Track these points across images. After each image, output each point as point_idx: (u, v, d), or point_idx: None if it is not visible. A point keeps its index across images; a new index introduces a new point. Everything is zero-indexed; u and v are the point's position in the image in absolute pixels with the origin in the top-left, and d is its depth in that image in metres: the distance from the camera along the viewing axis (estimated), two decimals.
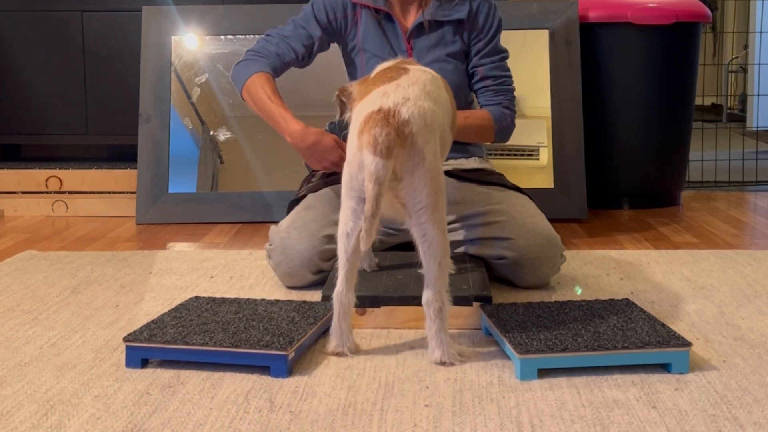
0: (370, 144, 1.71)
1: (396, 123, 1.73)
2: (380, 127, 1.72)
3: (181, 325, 1.86)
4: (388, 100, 1.77)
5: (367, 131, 1.73)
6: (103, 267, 2.66)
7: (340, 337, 1.85)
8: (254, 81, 2.41)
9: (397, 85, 1.82)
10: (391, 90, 1.80)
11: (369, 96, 1.83)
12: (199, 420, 1.53)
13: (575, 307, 1.97)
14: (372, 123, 1.73)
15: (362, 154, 1.73)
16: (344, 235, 1.80)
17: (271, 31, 2.52)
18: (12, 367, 1.80)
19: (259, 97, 2.40)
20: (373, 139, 1.71)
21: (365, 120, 1.75)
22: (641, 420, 1.51)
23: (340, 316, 1.84)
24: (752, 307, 2.19)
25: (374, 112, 1.75)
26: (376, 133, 1.72)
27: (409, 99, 1.78)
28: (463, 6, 2.46)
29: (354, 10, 2.47)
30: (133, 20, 3.70)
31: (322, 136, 2.32)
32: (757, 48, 6.32)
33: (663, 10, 3.57)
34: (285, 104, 2.38)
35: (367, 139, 1.72)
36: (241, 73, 2.46)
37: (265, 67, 2.44)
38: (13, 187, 3.66)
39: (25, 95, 3.90)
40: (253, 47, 2.50)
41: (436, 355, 1.80)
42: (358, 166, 1.74)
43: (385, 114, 1.74)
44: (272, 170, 3.54)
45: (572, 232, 3.21)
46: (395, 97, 1.78)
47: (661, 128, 3.68)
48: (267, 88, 2.40)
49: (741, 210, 3.68)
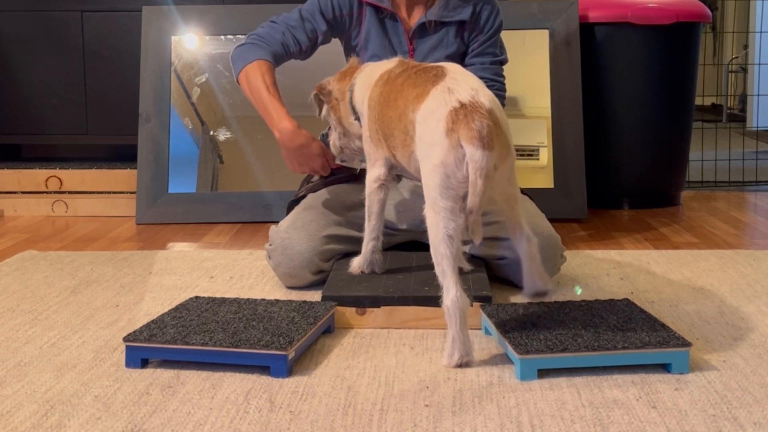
0: (475, 138, 1.69)
1: (486, 113, 1.72)
2: (478, 119, 1.71)
3: (181, 325, 1.86)
4: (459, 94, 1.76)
5: (464, 126, 1.71)
6: (103, 267, 2.66)
7: (464, 345, 1.76)
8: (255, 67, 2.39)
9: (452, 79, 1.82)
10: (453, 84, 1.79)
11: (430, 97, 1.80)
12: (199, 420, 1.53)
13: (575, 307, 1.97)
14: (465, 118, 1.71)
15: (463, 151, 1.70)
16: (447, 237, 1.74)
17: (276, 18, 2.49)
18: (12, 367, 1.80)
19: (257, 85, 2.37)
20: (477, 133, 1.69)
21: (451, 117, 1.72)
22: (641, 420, 1.51)
23: (462, 323, 1.74)
24: (752, 307, 2.19)
25: (458, 108, 1.73)
26: (477, 126, 1.70)
27: (477, 89, 1.78)
28: (467, 8, 2.45)
29: (359, 9, 2.47)
30: (133, 20, 3.70)
31: (311, 141, 2.34)
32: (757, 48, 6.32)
33: (663, 10, 3.57)
34: (281, 99, 2.37)
35: (469, 134, 1.70)
36: (242, 56, 2.43)
37: (267, 55, 2.41)
38: (13, 187, 3.66)
39: (25, 95, 3.90)
40: (258, 32, 2.47)
41: (546, 286, 1.92)
42: (455, 164, 1.71)
43: (472, 107, 1.73)
44: (272, 170, 3.54)
45: (572, 232, 3.21)
46: (464, 90, 1.77)
47: (661, 128, 3.68)
48: (267, 77, 2.38)
49: (741, 210, 3.68)
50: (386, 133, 2.03)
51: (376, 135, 2.11)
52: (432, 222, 1.77)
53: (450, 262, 1.74)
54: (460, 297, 1.73)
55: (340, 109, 2.26)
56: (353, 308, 2.04)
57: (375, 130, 2.10)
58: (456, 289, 1.73)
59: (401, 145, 1.97)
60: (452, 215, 1.74)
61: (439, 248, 1.75)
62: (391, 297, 2.04)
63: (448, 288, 1.74)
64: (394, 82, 2.02)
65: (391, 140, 2.01)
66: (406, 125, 1.91)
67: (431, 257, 2.34)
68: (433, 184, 1.76)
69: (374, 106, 2.09)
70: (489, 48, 2.49)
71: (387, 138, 2.04)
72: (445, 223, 1.74)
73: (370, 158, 2.18)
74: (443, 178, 1.74)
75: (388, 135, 2.02)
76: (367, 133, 2.16)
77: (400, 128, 1.94)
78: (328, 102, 2.29)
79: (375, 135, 2.11)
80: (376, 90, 2.10)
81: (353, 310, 2.04)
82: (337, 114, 2.28)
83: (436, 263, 1.77)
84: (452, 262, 1.74)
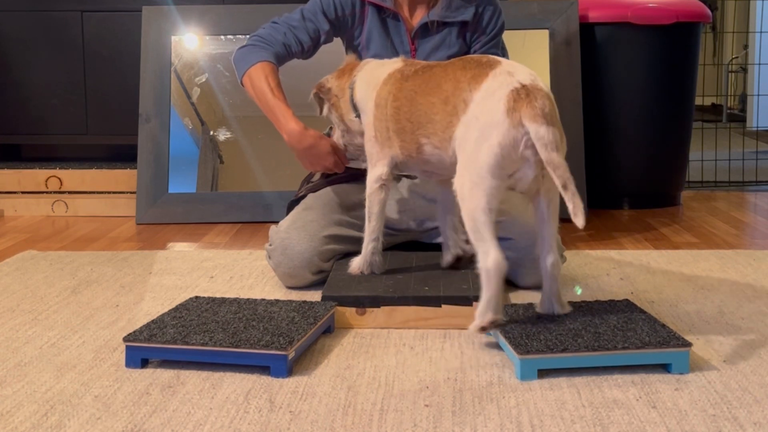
0: (539, 116, 1.75)
1: (546, 95, 1.79)
2: (540, 99, 1.77)
3: (181, 325, 1.86)
4: (519, 77, 1.81)
5: (527, 105, 1.76)
6: (103, 267, 2.66)
7: (498, 306, 1.81)
8: (258, 70, 2.38)
9: (510, 64, 1.88)
10: (512, 69, 1.85)
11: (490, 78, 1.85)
12: (199, 420, 1.53)
13: (575, 308, 1.97)
14: (528, 97, 1.77)
15: (523, 130, 1.75)
16: (488, 210, 1.78)
17: (278, 19, 2.49)
18: (12, 367, 1.80)
19: (261, 88, 2.36)
20: (540, 111, 1.75)
21: (513, 97, 1.77)
22: (641, 420, 1.51)
23: (499, 285, 1.79)
24: (752, 307, 2.19)
25: (519, 89, 1.79)
26: (541, 104, 1.76)
27: (534, 75, 1.84)
28: (469, 8, 2.45)
29: (362, 8, 2.46)
30: (133, 20, 3.70)
31: (319, 140, 2.32)
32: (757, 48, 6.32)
33: (663, 10, 3.58)
34: (287, 100, 2.36)
35: (532, 113, 1.75)
36: (244, 59, 2.42)
37: (269, 56, 2.40)
38: (13, 187, 3.66)
39: (25, 95, 3.90)
40: (259, 33, 2.46)
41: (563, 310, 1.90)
42: (513, 144, 1.76)
43: (533, 88, 1.79)
44: (272, 170, 3.54)
45: (572, 232, 3.20)
46: (522, 74, 1.83)
47: (661, 128, 3.68)
48: (271, 80, 2.37)
49: (741, 210, 3.68)
50: (420, 121, 2.02)
51: (385, 133, 2.11)
52: (472, 195, 1.80)
53: (489, 227, 1.79)
54: (501, 259, 1.78)
55: (341, 106, 2.26)
56: (353, 308, 2.04)
57: (384, 128, 2.10)
58: (497, 251, 1.78)
59: (442, 128, 1.96)
60: (497, 192, 1.80)
61: (479, 217, 1.79)
62: (391, 297, 2.04)
63: (488, 251, 1.78)
64: (429, 72, 2.04)
65: (428, 127, 2.00)
66: (455, 106, 1.92)
67: (431, 257, 2.36)
68: (483, 163, 1.79)
69: (384, 104, 2.09)
70: (491, 49, 2.49)
71: (419, 127, 2.02)
72: (488, 199, 1.79)
73: (372, 158, 2.17)
74: (497, 158, 1.78)
75: (423, 122, 2.01)
76: (370, 133, 2.16)
77: (447, 110, 1.94)
78: (328, 100, 2.29)
79: (383, 133, 2.11)
80: (386, 88, 2.10)
81: (353, 310, 2.04)
82: (338, 111, 2.28)
83: (474, 230, 1.81)
84: (491, 228, 1.79)
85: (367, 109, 2.17)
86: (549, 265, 1.89)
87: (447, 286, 2.09)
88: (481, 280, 1.80)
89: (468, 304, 2.01)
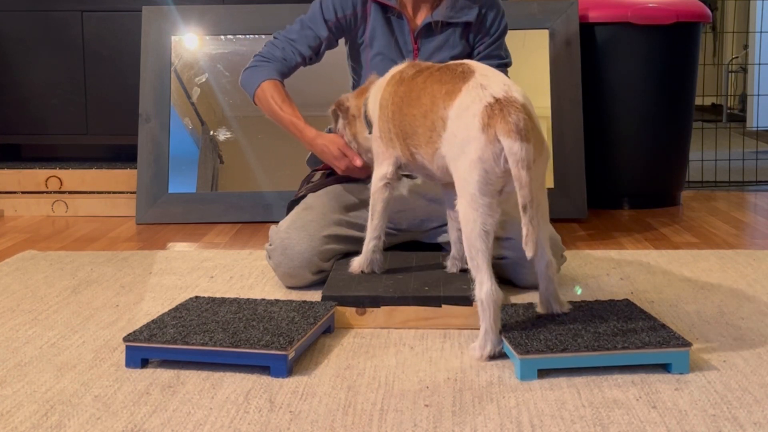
0: (513, 131, 1.72)
1: (521, 107, 1.75)
2: (514, 113, 1.73)
3: (181, 325, 1.86)
4: (492, 89, 1.78)
5: (501, 121, 1.73)
6: (103, 267, 2.66)
7: (497, 337, 1.80)
8: (263, 91, 2.45)
9: (483, 75, 1.84)
10: (485, 81, 1.82)
11: (463, 94, 1.82)
12: (199, 420, 1.53)
13: (575, 307, 1.97)
14: (501, 112, 1.74)
15: (501, 144, 1.72)
16: (483, 233, 1.77)
17: (278, 34, 2.53)
18: (12, 367, 1.80)
19: (270, 108, 2.46)
20: (514, 127, 1.72)
21: (487, 113, 1.75)
22: (641, 420, 1.51)
23: (495, 316, 1.79)
24: (752, 307, 2.19)
25: (493, 103, 1.76)
26: (514, 119, 1.73)
27: (508, 85, 1.81)
28: (473, 9, 2.46)
29: (363, 7, 2.47)
30: (133, 20, 3.70)
31: (330, 145, 2.36)
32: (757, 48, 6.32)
33: (663, 10, 3.58)
34: (296, 110, 2.44)
35: (506, 128, 1.72)
36: (249, 81, 2.49)
37: (272, 73, 2.47)
38: (13, 187, 3.66)
39: (25, 95, 3.90)
40: (261, 51, 2.52)
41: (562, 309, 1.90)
42: (493, 159, 1.74)
43: (506, 101, 1.75)
44: (272, 170, 3.54)
45: (572, 232, 3.21)
46: (496, 86, 1.79)
47: (661, 128, 3.68)
48: (276, 97, 2.44)
49: (741, 210, 3.68)
50: (406, 131, 2.03)
51: (387, 134, 2.11)
52: (469, 218, 1.79)
53: (485, 256, 1.78)
54: (495, 290, 1.77)
55: (356, 125, 2.29)
56: (353, 308, 2.04)
57: (387, 129, 2.11)
58: (490, 282, 1.77)
59: (425, 142, 1.96)
60: (490, 211, 1.78)
61: (476, 243, 1.78)
62: (391, 297, 2.04)
63: (482, 281, 1.78)
64: (413, 81, 2.03)
65: (413, 138, 2.01)
66: (433, 122, 1.91)
67: (431, 257, 2.37)
68: (471, 180, 1.78)
69: (386, 105, 2.10)
70: (495, 51, 2.50)
71: (407, 136, 2.03)
72: (483, 219, 1.78)
73: (378, 157, 2.18)
74: (482, 174, 1.76)
75: (409, 133, 2.02)
76: (377, 132, 2.16)
77: (426, 125, 1.94)
78: (345, 118, 2.31)
79: (386, 134, 2.12)
80: (388, 89, 2.11)
81: (353, 310, 2.04)
82: (352, 130, 2.30)
83: (470, 258, 1.80)
84: (487, 257, 1.78)
85: (375, 110, 2.17)
86: (543, 266, 1.89)
87: (447, 286, 2.09)
88: (478, 311, 1.80)
89: (468, 304, 2.01)
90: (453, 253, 2.25)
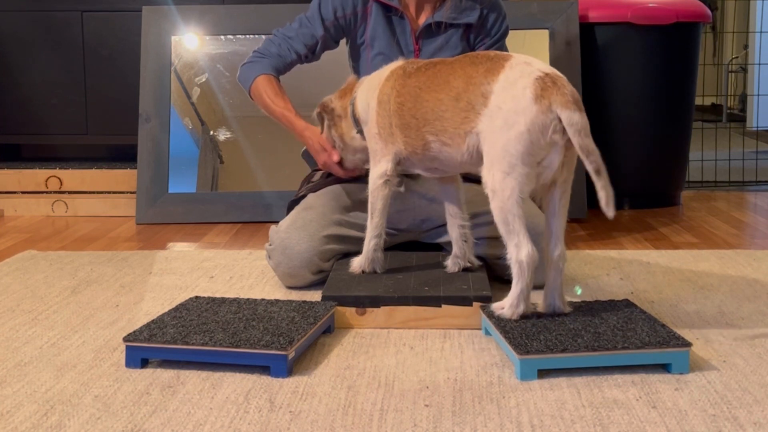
0: (571, 102, 1.79)
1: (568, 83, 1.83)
2: (568, 86, 1.81)
3: (181, 325, 1.86)
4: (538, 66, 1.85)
5: (557, 93, 1.79)
6: (103, 267, 2.66)
7: (528, 298, 1.88)
8: (257, 85, 2.49)
9: (523, 55, 1.91)
10: (527, 59, 1.88)
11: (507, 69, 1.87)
12: (199, 420, 1.53)
13: (575, 308, 1.97)
14: (555, 85, 1.80)
15: (552, 116, 1.78)
16: (520, 200, 1.83)
17: (276, 31, 2.55)
18: (12, 367, 1.80)
19: (263, 102, 2.49)
20: (571, 98, 1.79)
21: (540, 84, 1.80)
22: (641, 420, 1.51)
23: (531, 278, 1.86)
24: (752, 307, 2.19)
25: (543, 77, 1.82)
26: (570, 90, 1.80)
27: (546, 65, 1.87)
28: (474, 11, 2.46)
29: (364, 6, 2.47)
30: (133, 20, 3.70)
31: (313, 137, 2.39)
32: (757, 48, 6.32)
33: (663, 10, 3.58)
34: (288, 103, 2.47)
35: (563, 99, 1.78)
36: (245, 76, 2.52)
37: (266, 69, 2.49)
38: (13, 187, 3.66)
39: (25, 95, 3.90)
40: (258, 47, 2.55)
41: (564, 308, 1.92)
42: (542, 130, 1.79)
43: (555, 76, 1.83)
44: (272, 170, 3.54)
45: (572, 232, 3.21)
46: (539, 63, 1.87)
47: (661, 128, 3.68)
48: (269, 91, 2.47)
49: (741, 210, 3.68)
50: (426, 117, 2.02)
51: (387, 128, 2.11)
52: (506, 185, 1.83)
53: (521, 220, 1.83)
54: (534, 251, 1.83)
55: (342, 126, 2.29)
56: (353, 308, 2.04)
57: (387, 123, 2.11)
58: (530, 245, 1.83)
59: (457, 124, 1.96)
60: (528, 180, 1.83)
61: (512, 209, 1.83)
62: (391, 297, 2.04)
63: (521, 244, 1.84)
64: (430, 71, 2.04)
65: (436, 123, 2.00)
66: (469, 101, 1.92)
67: (431, 257, 2.36)
68: (514, 151, 1.81)
69: (387, 100, 2.10)
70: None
71: (425, 123, 2.02)
72: (520, 187, 1.83)
73: (376, 155, 2.18)
74: (528, 145, 1.81)
75: (430, 119, 2.01)
76: (374, 130, 2.16)
77: (460, 107, 1.94)
78: (330, 119, 2.32)
79: (386, 129, 2.12)
80: (388, 85, 2.11)
81: (353, 310, 2.04)
82: (339, 131, 2.31)
83: (505, 223, 1.85)
84: (524, 222, 1.83)
85: (370, 108, 2.17)
86: (556, 256, 1.91)
87: (447, 286, 2.09)
88: (513, 272, 1.86)
89: (468, 304, 2.01)
90: (455, 251, 2.25)
